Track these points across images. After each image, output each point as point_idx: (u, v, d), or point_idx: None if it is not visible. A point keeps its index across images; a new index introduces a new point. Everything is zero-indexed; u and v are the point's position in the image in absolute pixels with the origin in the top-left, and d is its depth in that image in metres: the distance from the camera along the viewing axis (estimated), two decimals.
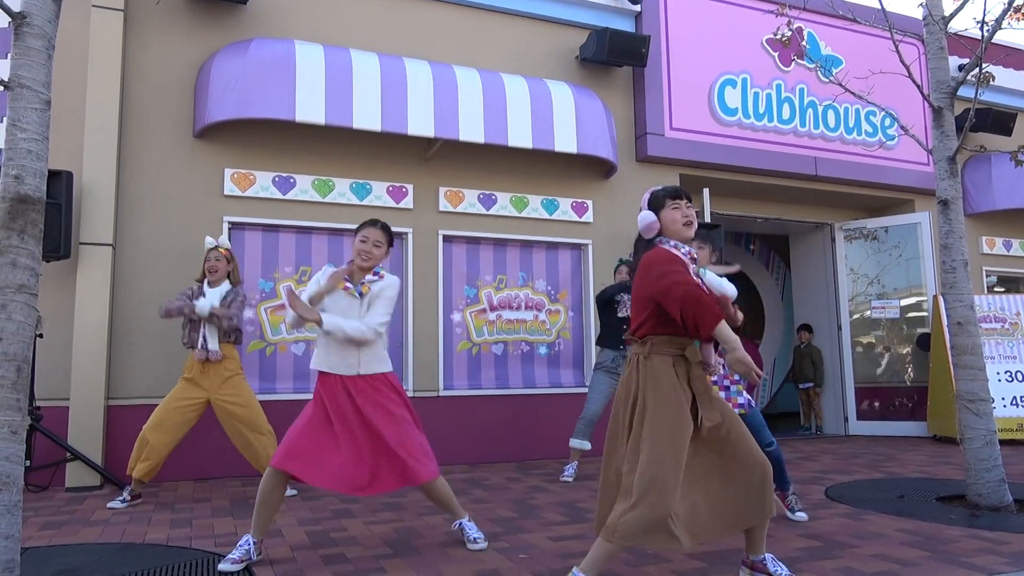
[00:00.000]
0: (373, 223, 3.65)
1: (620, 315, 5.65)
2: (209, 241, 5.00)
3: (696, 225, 2.94)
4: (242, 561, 3.21)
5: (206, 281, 4.91)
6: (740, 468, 2.76)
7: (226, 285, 4.91)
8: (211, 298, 4.81)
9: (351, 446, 3.40)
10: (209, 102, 5.87)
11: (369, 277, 3.60)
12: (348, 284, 3.57)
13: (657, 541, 2.60)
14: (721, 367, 4.28)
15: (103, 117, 5.68)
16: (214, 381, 4.78)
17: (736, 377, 4.25)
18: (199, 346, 4.77)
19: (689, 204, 2.93)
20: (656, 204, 2.93)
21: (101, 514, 4.44)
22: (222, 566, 3.17)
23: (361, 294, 3.57)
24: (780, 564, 2.91)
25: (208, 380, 4.77)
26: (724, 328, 2.62)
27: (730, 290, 3.75)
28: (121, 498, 4.71)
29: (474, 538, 3.53)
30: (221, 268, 4.91)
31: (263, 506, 3.31)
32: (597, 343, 5.92)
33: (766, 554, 2.92)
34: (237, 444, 4.85)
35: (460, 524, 3.61)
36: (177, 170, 6.01)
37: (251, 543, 3.27)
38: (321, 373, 3.52)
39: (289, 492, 4.98)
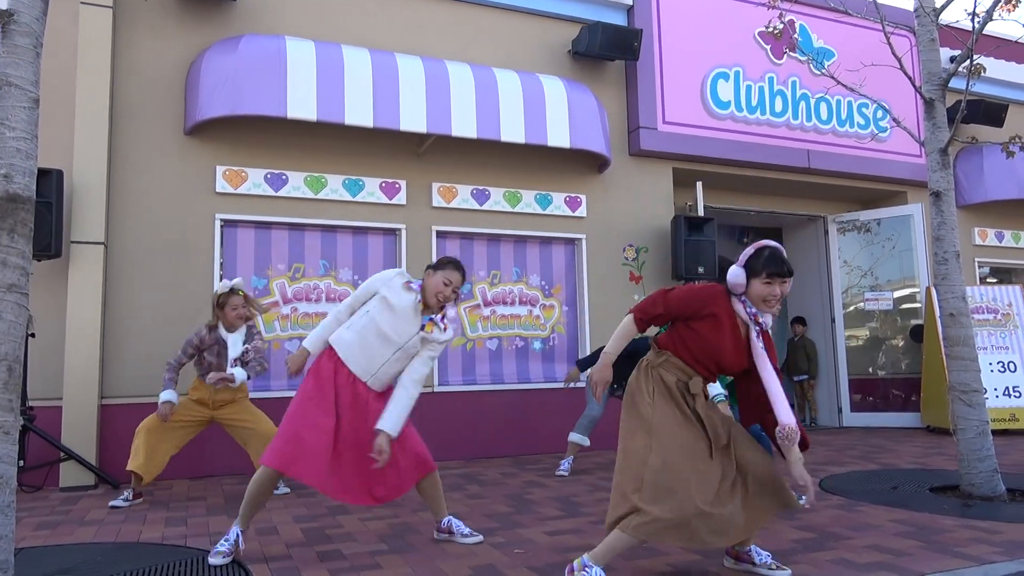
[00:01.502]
0: (456, 266, 3.47)
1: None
2: (225, 284, 4.70)
3: (778, 309, 2.91)
4: (230, 553, 3.22)
5: (220, 326, 4.70)
6: (751, 466, 2.84)
7: (243, 327, 4.74)
8: (233, 345, 4.66)
9: (350, 444, 3.33)
10: (200, 99, 5.84)
11: (439, 319, 3.48)
12: (431, 319, 3.45)
13: (677, 539, 2.66)
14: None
15: (93, 115, 5.65)
16: (220, 404, 4.76)
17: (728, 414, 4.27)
18: (216, 372, 4.61)
19: (784, 281, 2.84)
20: (752, 271, 2.85)
21: (96, 514, 4.43)
22: (211, 559, 3.19)
23: (423, 328, 3.44)
24: (763, 552, 2.97)
25: (215, 402, 4.75)
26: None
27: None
28: (124, 496, 4.70)
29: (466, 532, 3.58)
30: (249, 314, 4.72)
31: (253, 500, 3.30)
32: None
33: (751, 545, 2.96)
34: (247, 449, 4.85)
35: (446, 522, 3.61)
36: (168, 168, 5.98)
37: (239, 533, 3.27)
38: (339, 359, 3.40)
39: (282, 490, 4.98)
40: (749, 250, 2.89)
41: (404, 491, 3.43)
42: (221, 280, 5.17)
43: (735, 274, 2.85)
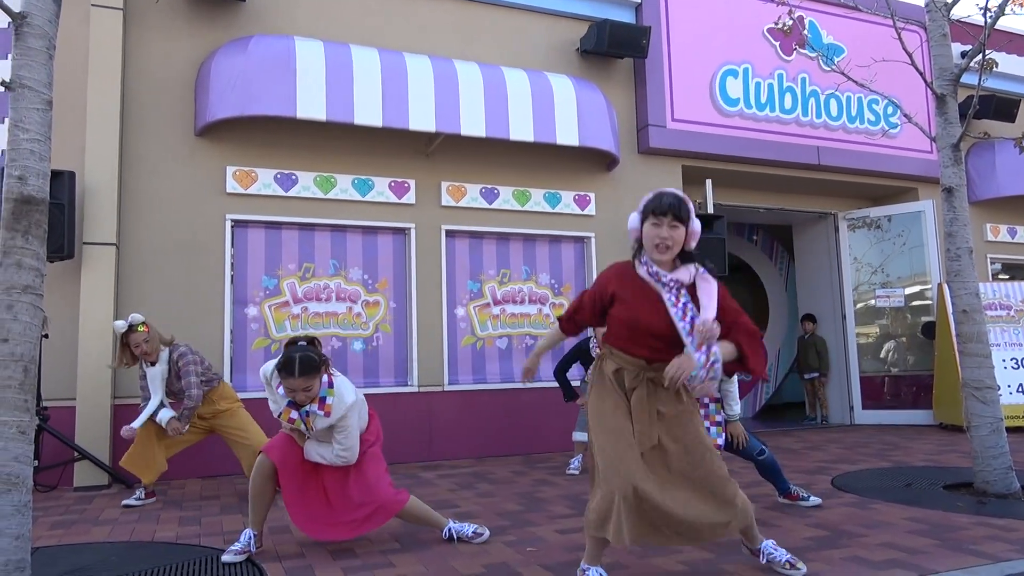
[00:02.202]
0: (291, 370, 3.12)
1: None
2: (119, 325, 4.58)
3: (674, 251, 2.70)
4: (243, 552, 3.25)
5: (141, 363, 4.65)
6: (686, 480, 2.69)
7: (164, 354, 4.65)
8: (155, 379, 4.61)
9: (315, 486, 3.40)
10: (210, 100, 5.86)
11: (313, 408, 3.23)
12: (292, 415, 3.26)
13: (608, 531, 2.62)
14: (706, 407, 4.20)
15: (104, 117, 5.68)
16: (213, 414, 4.81)
17: (718, 419, 4.16)
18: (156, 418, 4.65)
19: (674, 224, 2.66)
20: (643, 215, 2.73)
21: (110, 513, 4.46)
22: (225, 557, 3.23)
23: (307, 428, 3.30)
24: (779, 549, 2.93)
25: (208, 413, 4.80)
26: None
27: None
28: (136, 496, 4.72)
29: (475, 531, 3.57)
30: (153, 348, 4.58)
31: (256, 499, 3.34)
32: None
33: (765, 541, 2.95)
34: (238, 457, 4.90)
35: (447, 531, 3.55)
36: (179, 168, 6.01)
37: (251, 536, 3.32)
38: None
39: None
40: (647, 197, 2.77)
41: (359, 532, 3.38)
42: (230, 283, 5.10)
43: (631, 219, 2.79)
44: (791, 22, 6.07)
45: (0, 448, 2.46)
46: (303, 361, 3.12)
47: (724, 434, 4.09)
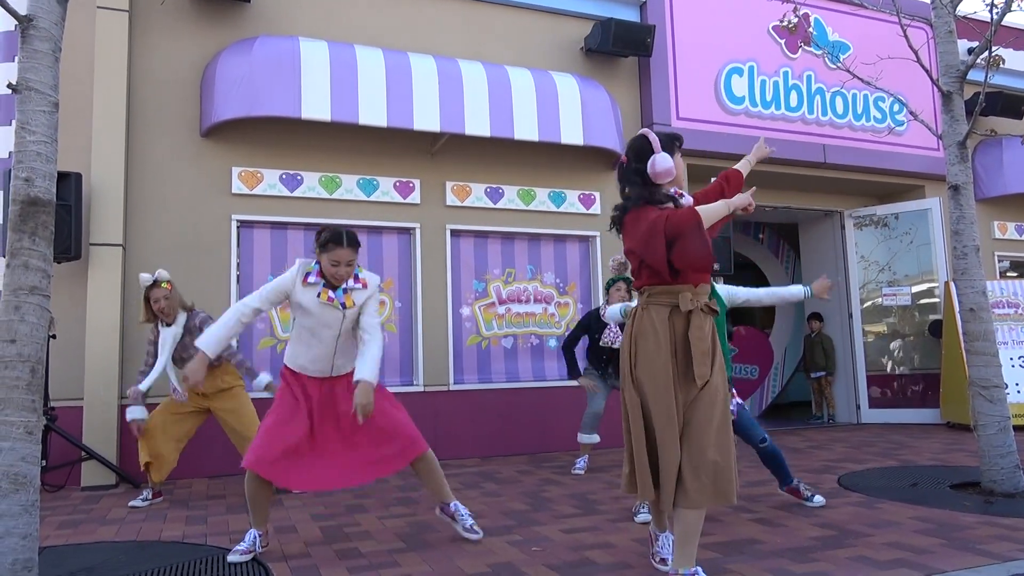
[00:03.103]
0: (339, 241, 3.32)
1: (601, 343, 5.60)
2: (145, 278, 4.66)
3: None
4: (249, 552, 3.27)
5: (159, 322, 4.70)
6: (691, 447, 2.65)
7: (181, 318, 4.71)
8: (167, 340, 4.63)
9: (333, 438, 3.40)
10: (215, 101, 5.88)
11: (351, 284, 3.40)
12: (331, 296, 3.35)
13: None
14: None
15: (110, 118, 5.70)
16: (215, 390, 4.79)
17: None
18: (171, 390, 4.71)
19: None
20: (668, 149, 2.79)
21: (117, 512, 4.48)
22: (230, 557, 3.25)
23: (344, 306, 3.37)
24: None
25: (210, 388, 4.77)
26: (706, 211, 2.68)
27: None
28: (143, 496, 4.74)
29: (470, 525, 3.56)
30: (173, 305, 4.65)
31: (253, 502, 3.35)
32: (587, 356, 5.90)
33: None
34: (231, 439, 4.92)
35: (454, 506, 3.59)
36: (185, 169, 6.03)
37: (256, 535, 3.34)
38: (295, 372, 3.44)
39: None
40: (649, 137, 2.81)
41: (392, 469, 3.44)
42: (237, 278, 5.07)
43: (665, 158, 2.75)
44: (796, 20, 6.06)
45: (7, 448, 2.47)
46: (350, 234, 3.38)
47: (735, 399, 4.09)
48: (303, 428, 3.33)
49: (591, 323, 5.71)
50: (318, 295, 3.33)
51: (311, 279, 3.34)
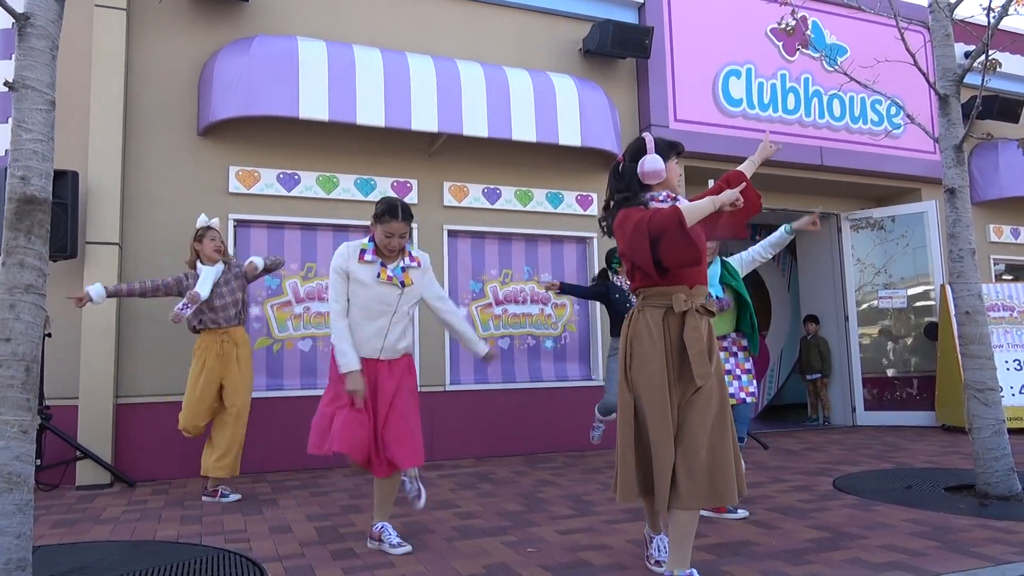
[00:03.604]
0: (394, 213, 3.40)
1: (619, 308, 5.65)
2: (203, 220, 4.95)
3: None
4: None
5: (199, 262, 4.89)
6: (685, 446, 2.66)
7: (219, 263, 4.91)
8: (210, 273, 4.80)
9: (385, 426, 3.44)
10: (213, 100, 5.87)
11: (407, 262, 3.52)
12: (391, 274, 3.45)
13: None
14: (734, 355, 4.31)
15: (107, 116, 5.69)
16: (229, 365, 4.84)
17: (748, 366, 4.30)
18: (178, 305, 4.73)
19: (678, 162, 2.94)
20: (663, 154, 2.86)
21: (112, 512, 4.47)
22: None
23: (403, 284, 3.48)
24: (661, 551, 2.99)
25: (223, 363, 4.83)
26: (689, 208, 2.64)
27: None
28: (222, 494, 4.80)
29: (395, 543, 3.43)
30: (224, 247, 4.97)
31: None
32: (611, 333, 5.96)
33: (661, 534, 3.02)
34: (214, 426, 4.89)
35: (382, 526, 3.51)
36: (182, 168, 6.02)
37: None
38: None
39: (232, 497, 4.79)
40: (647, 140, 2.87)
41: (392, 469, 3.45)
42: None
43: (654, 162, 2.81)
44: (794, 22, 6.06)
45: (2, 447, 2.47)
46: (405, 207, 3.43)
47: (754, 382, 4.16)
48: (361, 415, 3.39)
49: (610, 293, 5.73)
50: (377, 274, 3.42)
51: (368, 256, 3.44)
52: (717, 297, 4.18)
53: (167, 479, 5.58)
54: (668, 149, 2.88)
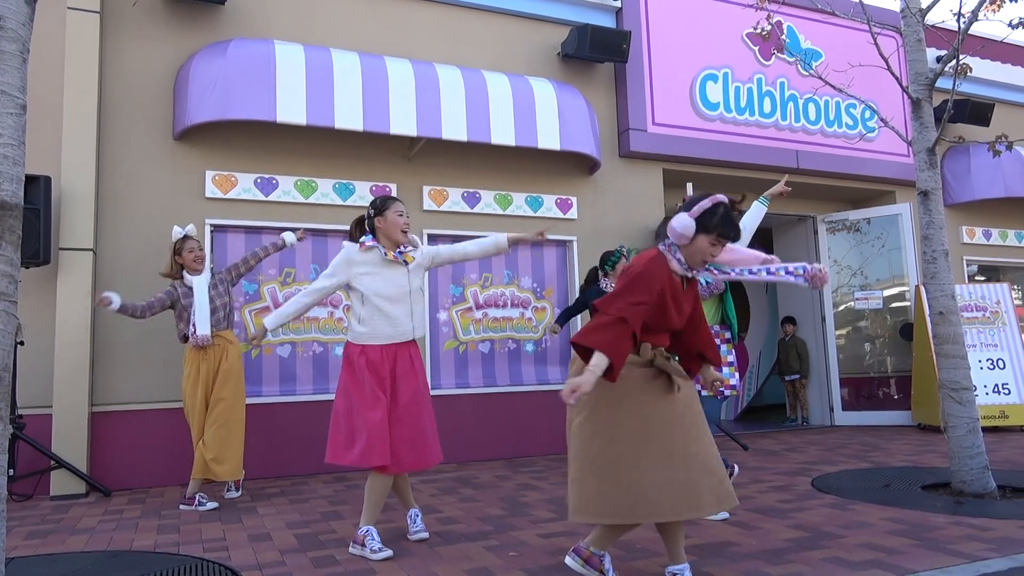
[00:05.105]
0: (394, 198, 3.68)
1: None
2: (177, 231, 4.90)
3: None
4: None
5: (184, 273, 4.87)
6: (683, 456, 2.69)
7: (206, 271, 4.91)
8: (201, 285, 4.80)
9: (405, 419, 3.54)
10: (189, 104, 5.81)
11: (404, 248, 3.66)
12: (394, 254, 3.60)
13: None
14: (717, 347, 4.39)
15: (81, 121, 5.61)
16: (218, 374, 4.82)
17: (731, 359, 4.36)
18: (191, 333, 4.75)
19: (726, 246, 2.77)
20: (704, 226, 2.69)
21: (87, 522, 4.40)
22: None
23: (406, 263, 3.62)
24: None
25: (210, 370, 4.80)
26: (595, 360, 2.51)
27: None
28: (233, 492, 4.96)
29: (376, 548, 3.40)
30: (203, 257, 4.93)
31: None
32: None
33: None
34: (207, 433, 4.82)
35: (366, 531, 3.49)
36: (157, 173, 5.95)
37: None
38: (367, 347, 3.54)
39: (209, 505, 4.72)
40: (705, 203, 2.68)
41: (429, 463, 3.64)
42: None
43: (685, 225, 2.67)
44: (770, 27, 6.14)
45: None
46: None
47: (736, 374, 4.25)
48: (378, 413, 3.43)
49: (589, 300, 5.84)
50: (384, 254, 3.56)
51: (369, 243, 3.58)
52: (706, 283, 4.20)
53: (144, 488, 5.50)
54: (713, 224, 2.69)
